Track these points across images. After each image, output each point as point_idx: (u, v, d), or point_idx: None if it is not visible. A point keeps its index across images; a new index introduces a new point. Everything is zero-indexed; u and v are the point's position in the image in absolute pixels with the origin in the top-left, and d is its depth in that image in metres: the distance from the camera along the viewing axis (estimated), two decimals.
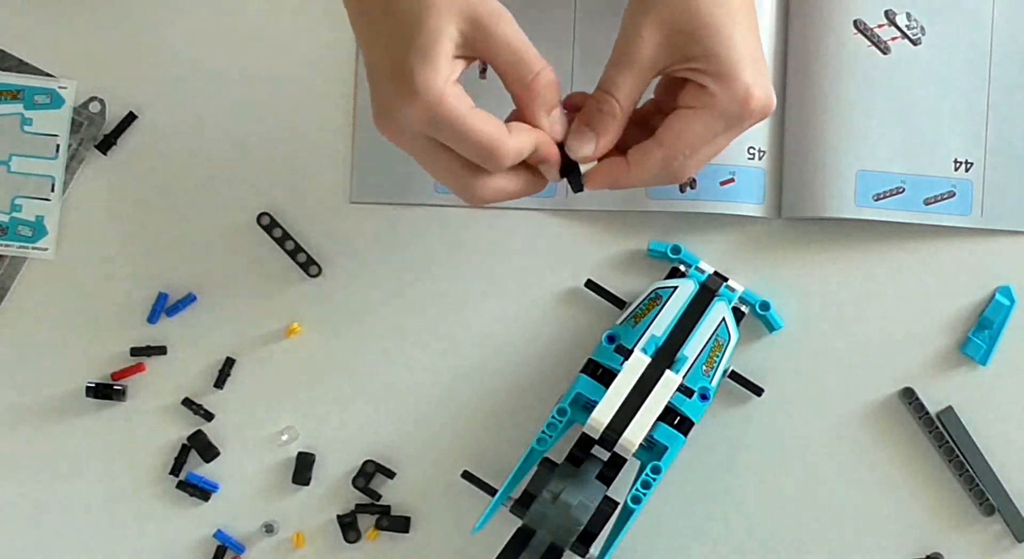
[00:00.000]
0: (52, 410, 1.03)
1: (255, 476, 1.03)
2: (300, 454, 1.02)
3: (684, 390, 0.95)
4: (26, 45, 1.03)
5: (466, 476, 0.99)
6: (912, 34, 1.01)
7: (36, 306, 1.03)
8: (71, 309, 1.03)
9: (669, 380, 0.95)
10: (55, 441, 1.03)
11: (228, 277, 1.03)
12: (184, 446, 1.03)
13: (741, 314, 1.00)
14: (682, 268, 1.01)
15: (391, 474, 1.03)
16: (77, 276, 1.03)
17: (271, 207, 1.03)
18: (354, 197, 1.03)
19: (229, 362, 1.03)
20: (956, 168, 1.01)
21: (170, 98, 1.03)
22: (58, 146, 1.03)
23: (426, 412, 1.03)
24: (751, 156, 1.01)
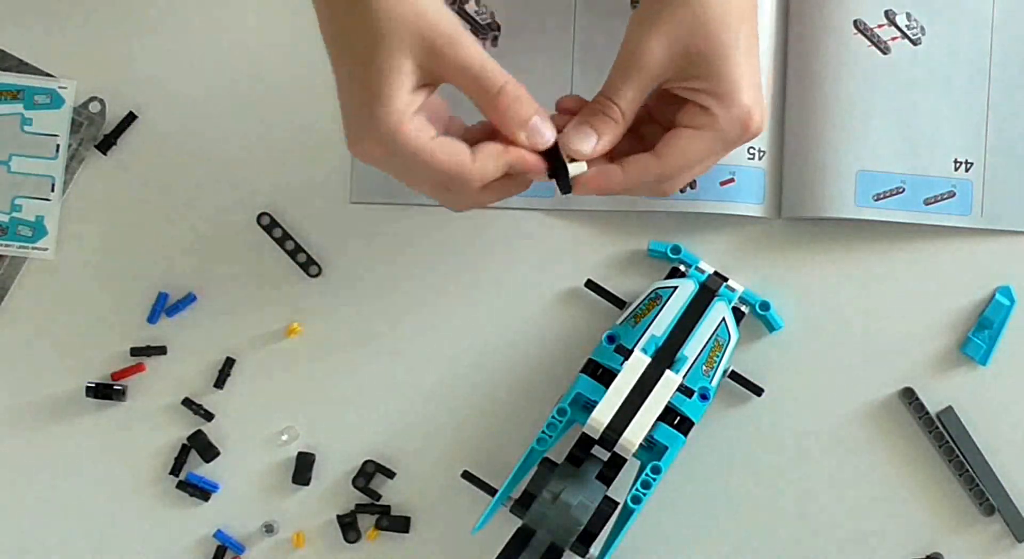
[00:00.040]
0: (52, 410, 1.03)
1: (255, 476, 1.03)
2: (300, 454, 1.02)
3: (684, 390, 0.95)
4: (26, 45, 1.03)
5: (466, 476, 0.99)
6: (912, 34, 1.01)
7: (36, 306, 1.03)
8: (71, 309, 1.03)
9: (669, 380, 0.95)
10: (55, 441, 1.03)
11: (228, 277, 1.03)
12: (184, 446, 1.03)
13: (741, 314, 1.00)
14: (682, 268, 1.01)
15: (391, 474, 1.03)
16: (77, 276, 1.03)
17: (271, 207, 1.03)
18: (354, 197, 1.03)
19: (229, 362, 1.03)
20: (956, 168, 1.01)
21: (170, 98, 1.03)
22: (58, 146, 1.03)
23: (426, 412, 1.03)
24: (751, 156, 1.01)
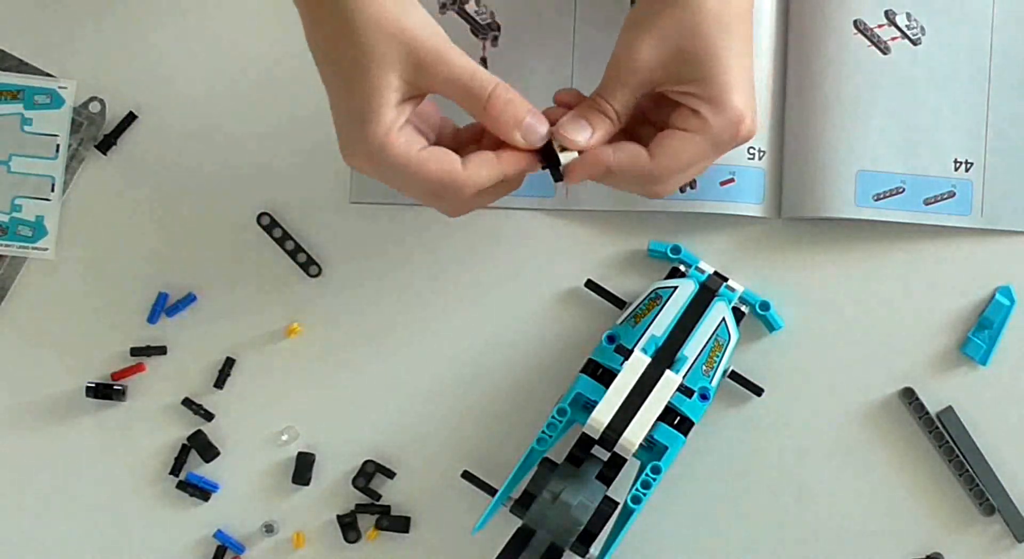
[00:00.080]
0: (52, 410, 1.03)
1: (255, 476, 1.03)
2: (300, 454, 1.02)
3: (684, 390, 0.95)
4: (26, 45, 1.03)
5: (466, 476, 0.99)
6: (912, 34, 1.01)
7: (36, 306, 1.03)
8: (71, 309, 1.03)
9: (669, 380, 0.95)
10: (55, 441, 1.03)
11: (228, 277, 1.03)
12: (184, 446, 1.03)
13: (741, 314, 1.00)
14: (682, 268, 1.01)
15: (391, 474, 1.02)
16: (77, 276, 1.03)
17: (271, 207, 1.03)
18: (354, 197, 1.03)
19: (229, 362, 1.03)
20: (956, 168, 1.01)
21: (170, 98, 1.03)
22: (58, 146, 1.03)
23: (426, 412, 1.03)
24: (751, 156, 1.01)
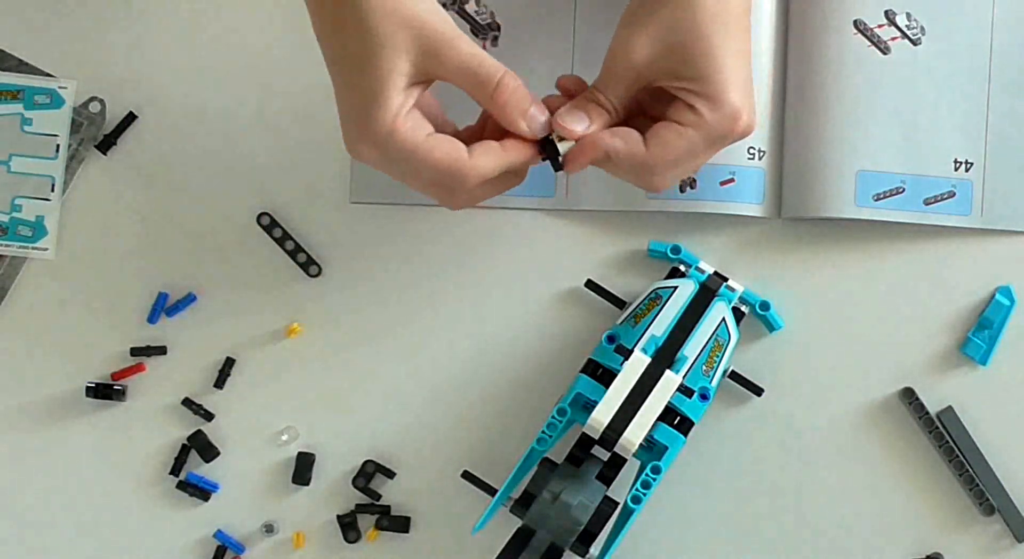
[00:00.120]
0: (52, 410, 1.03)
1: (255, 476, 1.03)
2: (300, 454, 1.02)
3: (684, 390, 0.95)
4: (26, 45, 1.03)
5: (466, 476, 0.99)
6: (912, 34, 1.01)
7: (36, 306, 1.03)
8: (71, 309, 1.03)
9: (669, 380, 0.95)
10: (55, 441, 1.03)
11: (228, 277, 1.03)
12: (184, 446, 1.03)
13: (741, 314, 1.00)
14: (682, 268, 1.01)
15: (391, 474, 1.02)
16: (77, 276, 1.03)
17: (271, 207, 1.03)
18: (354, 197, 1.03)
19: (229, 362, 1.03)
20: (956, 168, 1.01)
21: (170, 98, 1.03)
22: (58, 146, 1.03)
23: (426, 412, 1.03)
24: (751, 156, 1.01)
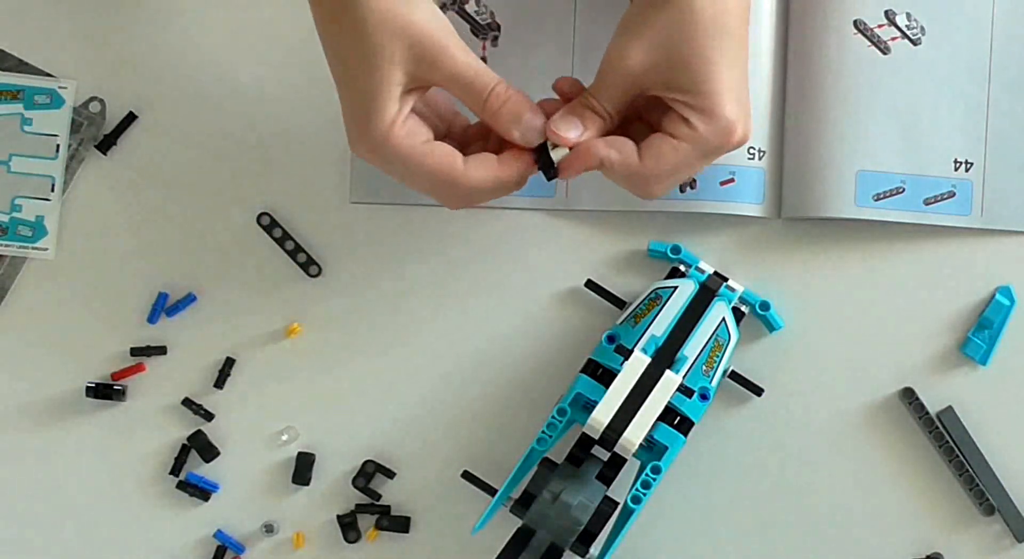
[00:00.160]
0: (52, 410, 1.03)
1: (255, 476, 1.03)
2: (300, 454, 1.02)
3: (684, 390, 0.95)
4: (26, 45, 1.03)
5: (466, 476, 0.99)
6: (912, 34, 1.01)
7: (36, 306, 1.03)
8: (71, 309, 1.03)
9: (669, 380, 0.95)
10: (55, 441, 1.03)
11: (228, 277, 1.03)
12: (184, 446, 1.03)
13: (741, 314, 1.00)
14: (682, 268, 1.01)
15: (391, 474, 1.02)
16: (77, 276, 1.03)
17: (271, 207, 1.03)
18: (354, 197, 1.03)
19: (229, 362, 1.03)
20: (956, 168, 1.01)
21: (170, 98, 1.03)
22: (58, 146, 1.03)
23: (426, 412, 1.03)
24: (751, 156, 1.01)
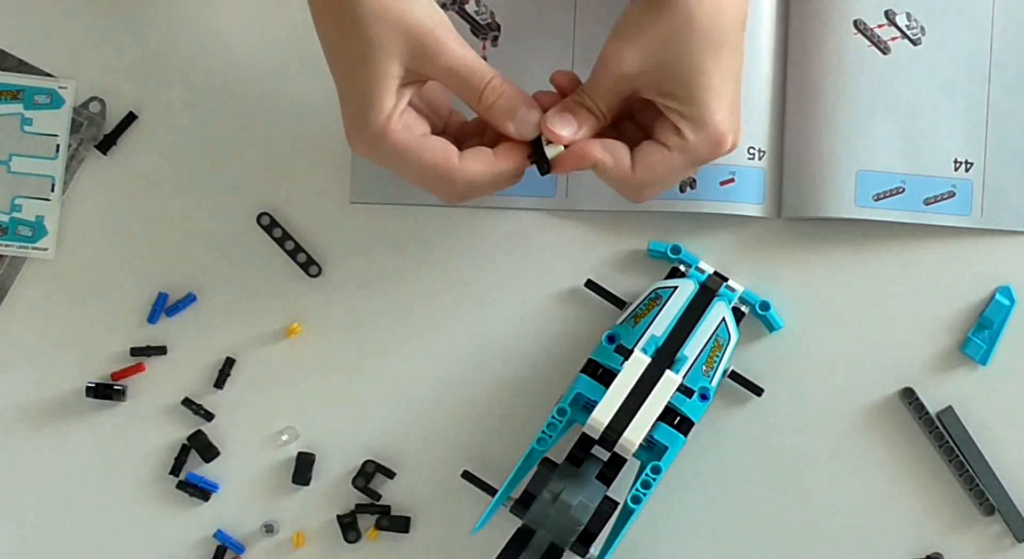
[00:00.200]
0: (52, 410, 1.03)
1: (255, 476, 1.03)
2: (300, 454, 1.02)
3: (684, 390, 0.95)
4: (26, 45, 1.03)
5: (466, 476, 0.99)
6: (912, 34, 1.01)
7: (36, 306, 1.03)
8: (71, 309, 1.03)
9: (669, 380, 0.95)
10: (55, 441, 1.03)
11: (228, 277, 1.03)
12: (184, 446, 1.03)
13: (741, 314, 1.00)
14: (682, 268, 1.01)
15: (391, 474, 1.02)
16: (77, 276, 1.03)
17: (271, 207, 1.03)
18: (354, 197, 1.03)
19: (229, 362, 1.03)
20: (956, 168, 1.01)
21: (170, 98, 1.03)
22: (58, 146, 1.03)
23: (426, 412, 1.03)
24: (751, 156, 1.01)
